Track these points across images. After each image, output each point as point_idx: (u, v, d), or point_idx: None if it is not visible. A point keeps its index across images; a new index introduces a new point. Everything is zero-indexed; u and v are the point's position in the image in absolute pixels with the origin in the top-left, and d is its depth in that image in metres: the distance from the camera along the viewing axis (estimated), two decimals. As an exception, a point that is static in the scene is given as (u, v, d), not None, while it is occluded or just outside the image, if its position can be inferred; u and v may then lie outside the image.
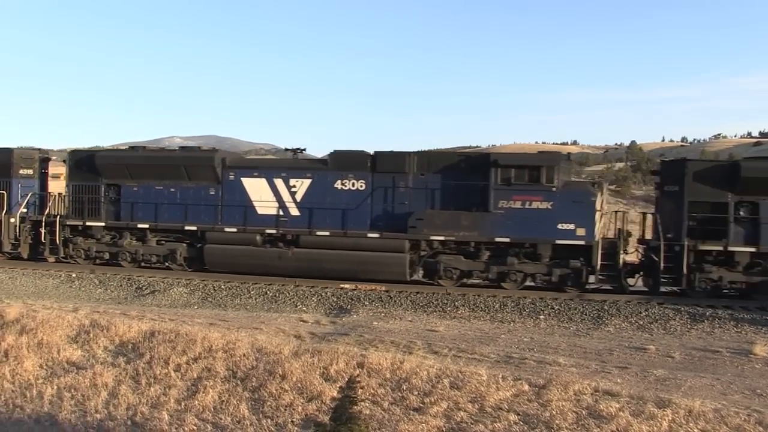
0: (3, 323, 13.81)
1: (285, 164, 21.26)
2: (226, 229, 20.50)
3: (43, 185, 24.45)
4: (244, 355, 11.45)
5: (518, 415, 8.91)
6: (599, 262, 18.20)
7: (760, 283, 17.82)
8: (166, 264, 21.54)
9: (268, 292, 18.63)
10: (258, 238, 20.21)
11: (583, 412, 8.78)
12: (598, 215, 18.32)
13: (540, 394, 9.36)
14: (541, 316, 16.63)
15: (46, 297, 18.23)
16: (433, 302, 17.57)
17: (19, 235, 23.02)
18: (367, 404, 9.33)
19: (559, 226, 18.17)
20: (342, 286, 18.83)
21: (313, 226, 19.91)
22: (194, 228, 20.89)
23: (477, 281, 19.58)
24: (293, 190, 20.29)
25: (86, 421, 10.12)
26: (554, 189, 18.26)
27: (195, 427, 9.65)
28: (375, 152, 20.05)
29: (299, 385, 10.34)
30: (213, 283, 19.43)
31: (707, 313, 16.37)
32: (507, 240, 18.52)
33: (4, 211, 22.84)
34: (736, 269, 17.93)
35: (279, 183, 20.41)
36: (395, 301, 17.69)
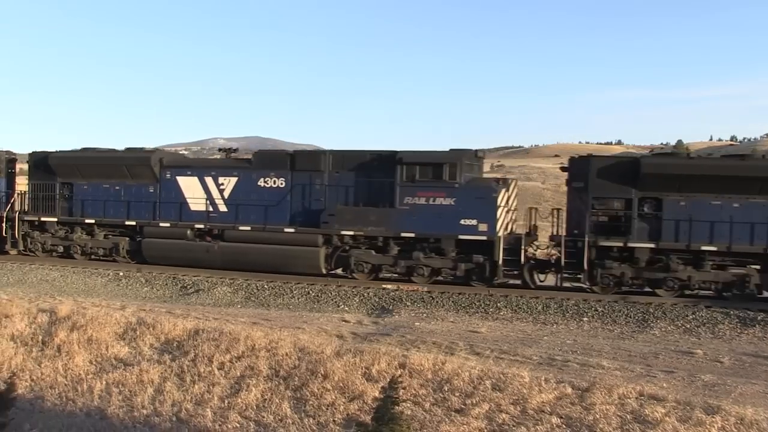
0: (56, 319, 14.19)
1: (215, 163, 23.23)
2: (161, 224, 22.15)
3: (10, 184, 25.70)
4: (286, 354, 11.55)
5: (561, 418, 8.82)
6: (501, 257, 18.52)
7: (663, 279, 17.85)
8: (112, 256, 23.18)
9: (311, 292, 18.75)
10: (189, 232, 21.67)
11: (628, 417, 8.65)
12: (500, 211, 18.65)
13: (583, 397, 9.24)
14: (585, 318, 16.41)
15: (95, 295, 18.65)
16: (475, 303, 17.47)
17: None
18: (409, 405, 9.33)
19: (462, 222, 18.73)
20: (384, 286, 18.87)
21: (239, 221, 21.18)
22: (134, 223, 22.60)
23: (389, 275, 20.28)
24: (222, 187, 21.71)
25: (133, 416, 10.34)
26: (457, 185, 18.84)
27: (238, 425, 9.77)
28: (294, 151, 21.83)
29: (341, 384, 10.39)
30: (256, 282, 19.64)
31: (759, 318, 15.89)
32: (412, 235, 19.20)
33: None
34: (638, 265, 17.90)
35: (209, 181, 21.86)
36: (437, 301, 17.64)
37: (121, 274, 21.17)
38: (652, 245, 17.74)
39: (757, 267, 17.47)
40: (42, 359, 12.79)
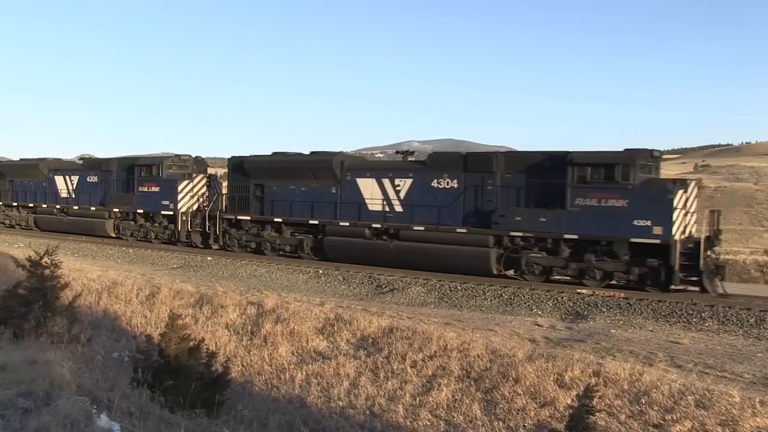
0: (262, 312, 15.34)
1: (64, 165, 36.36)
2: (43, 205, 35.06)
3: None
4: (478, 355, 11.59)
5: (779, 445, 8.06)
6: (180, 229, 27.99)
7: (262, 242, 25.62)
8: (21, 225, 37.17)
9: (503, 294, 18.58)
10: (55, 210, 33.96)
11: None
12: (181, 195, 27.91)
13: (808, 425, 8.36)
14: (808, 335, 14.76)
15: (297, 290, 19.79)
16: (676, 312, 16.38)
17: None
18: (603, 415, 9.00)
19: (162, 202, 28.70)
20: (579, 291, 18.29)
21: (80, 203, 33.09)
22: (32, 205, 35.92)
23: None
24: (72, 182, 33.90)
25: (330, 407, 10.91)
26: (160, 179, 28.82)
27: (428, 423, 9.98)
28: (108, 158, 33.43)
29: (532, 389, 10.25)
30: (449, 283, 19.84)
31: None
32: (141, 211, 29.99)
33: None
34: (249, 232, 26.07)
35: (67, 179, 33.95)
36: (635, 308, 16.77)
37: (321, 272, 22.34)
38: (248, 217, 25.85)
39: (311, 234, 24.37)
40: (251, 347, 13.89)
